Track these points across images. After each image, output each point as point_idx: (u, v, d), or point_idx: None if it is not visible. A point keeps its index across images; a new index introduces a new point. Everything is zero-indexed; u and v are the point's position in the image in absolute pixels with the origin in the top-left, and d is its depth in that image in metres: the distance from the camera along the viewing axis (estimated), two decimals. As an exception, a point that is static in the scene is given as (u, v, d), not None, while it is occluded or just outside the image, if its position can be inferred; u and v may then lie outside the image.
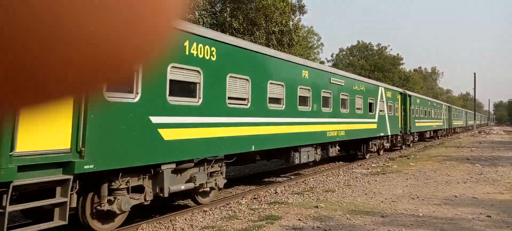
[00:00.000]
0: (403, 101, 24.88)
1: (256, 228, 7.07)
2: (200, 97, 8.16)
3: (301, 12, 27.32)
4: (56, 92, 0.42)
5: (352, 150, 19.71)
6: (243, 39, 17.60)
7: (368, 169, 15.92)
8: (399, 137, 24.04)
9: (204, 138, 8.25)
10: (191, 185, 8.42)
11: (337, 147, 15.67)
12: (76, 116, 5.88)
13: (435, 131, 39.25)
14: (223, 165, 9.48)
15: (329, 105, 14.24)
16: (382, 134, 20.42)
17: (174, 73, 7.58)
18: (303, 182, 12.85)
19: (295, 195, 10.30)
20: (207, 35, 8.47)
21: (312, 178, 13.63)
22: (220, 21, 22.05)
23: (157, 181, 7.63)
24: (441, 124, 41.25)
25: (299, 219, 7.69)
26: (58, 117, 5.66)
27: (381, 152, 22.01)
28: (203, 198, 9.27)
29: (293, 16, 26.65)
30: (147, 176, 7.49)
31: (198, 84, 8.14)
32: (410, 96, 26.66)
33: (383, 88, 21.03)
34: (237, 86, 9.33)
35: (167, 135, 7.37)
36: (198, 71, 8.10)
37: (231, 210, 8.75)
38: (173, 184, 7.92)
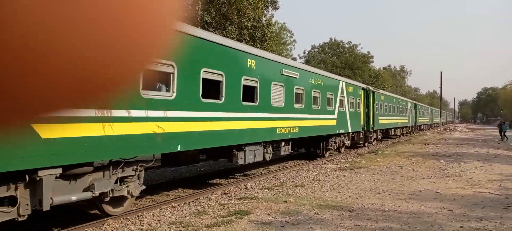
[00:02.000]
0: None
1: (225, 223, 7.05)
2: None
3: (273, 8, 27.36)
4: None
5: None
6: (215, 33, 17.46)
7: (337, 164, 16.17)
8: None
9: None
10: None
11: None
12: None
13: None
14: None
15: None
16: None
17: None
18: (273, 177, 12.91)
19: (265, 190, 10.33)
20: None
21: (283, 173, 13.71)
22: (191, 15, 21.79)
23: None
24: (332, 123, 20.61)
25: (268, 214, 7.72)
26: None
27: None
28: None
29: (265, 12, 26.66)
30: None
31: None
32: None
33: None
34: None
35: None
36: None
37: (200, 206, 8.68)
38: None
